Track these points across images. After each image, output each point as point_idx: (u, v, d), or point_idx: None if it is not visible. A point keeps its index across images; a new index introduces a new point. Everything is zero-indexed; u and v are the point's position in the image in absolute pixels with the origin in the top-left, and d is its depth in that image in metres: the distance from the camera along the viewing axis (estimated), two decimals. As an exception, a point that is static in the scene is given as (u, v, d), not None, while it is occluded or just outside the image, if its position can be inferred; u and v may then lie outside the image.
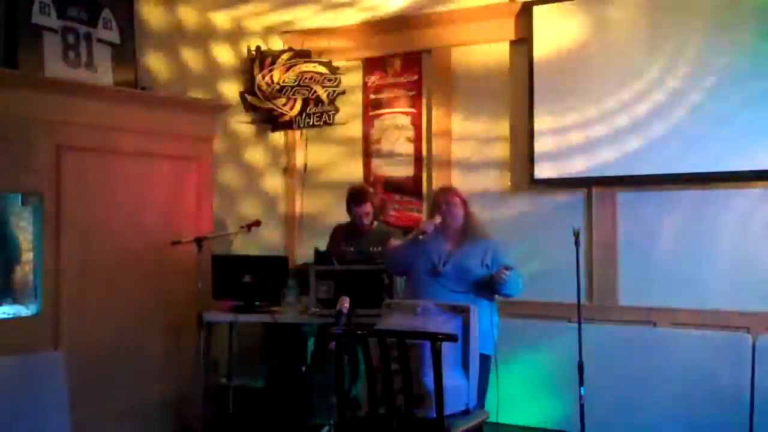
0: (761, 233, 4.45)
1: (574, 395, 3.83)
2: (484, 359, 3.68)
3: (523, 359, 4.84)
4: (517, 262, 3.81)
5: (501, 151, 5.29)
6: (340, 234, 4.82)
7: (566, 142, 4.92)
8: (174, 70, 5.14)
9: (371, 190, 4.98)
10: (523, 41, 5.13)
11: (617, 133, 4.76)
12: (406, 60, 5.67)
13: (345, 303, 3.52)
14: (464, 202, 3.89)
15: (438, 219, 3.80)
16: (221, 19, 5.54)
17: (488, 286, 3.67)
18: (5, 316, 3.96)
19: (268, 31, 5.92)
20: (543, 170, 5.00)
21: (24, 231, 4.17)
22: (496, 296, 3.78)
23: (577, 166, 4.90)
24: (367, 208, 4.64)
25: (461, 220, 3.86)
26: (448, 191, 3.94)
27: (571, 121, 4.90)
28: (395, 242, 4.04)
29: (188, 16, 5.27)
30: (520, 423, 4.84)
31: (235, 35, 5.68)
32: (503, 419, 4.82)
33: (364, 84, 5.83)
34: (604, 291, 4.87)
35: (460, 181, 5.25)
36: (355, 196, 4.66)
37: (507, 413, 4.82)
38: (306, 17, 5.62)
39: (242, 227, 4.86)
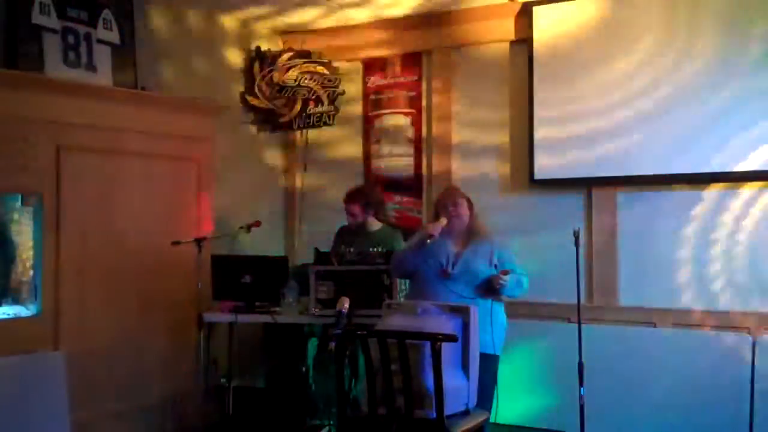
0: (761, 233, 4.45)
1: (574, 395, 3.83)
2: (493, 359, 3.68)
3: (522, 359, 4.84)
4: (519, 262, 3.83)
5: (501, 151, 5.30)
6: (342, 234, 4.82)
7: (566, 142, 4.92)
8: (174, 71, 5.13)
9: (369, 191, 4.85)
10: (523, 41, 5.13)
11: (617, 133, 4.76)
12: (406, 60, 5.66)
13: (345, 303, 3.52)
14: (470, 203, 3.89)
15: (444, 221, 3.79)
16: (222, 19, 5.53)
17: (492, 288, 3.68)
18: (5, 316, 3.96)
19: (269, 32, 5.92)
20: (543, 170, 5.00)
21: (24, 231, 4.17)
22: (502, 296, 3.79)
23: (577, 167, 4.89)
24: (353, 209, 4.56)
25: (467, 221, 3.85)
26: (454, 192, 3.92)
27: (570, 122, 4.90)
28: (402, 247, 4.03)
29: (188, 16, 5.27)
30: (520, 423, 4.84)
31: (235, 35, 5.68)
32: (503, 419, 4.84)
33: (364, 84, 5.83)
34: (604, 291, 4.87)
35: (460, 181, 5.25)
36: (347, 195, 4.63)
37: (507, 413, 4.83)
38: (307, 17, 5.62)
39: (242, 227, 4.86)
